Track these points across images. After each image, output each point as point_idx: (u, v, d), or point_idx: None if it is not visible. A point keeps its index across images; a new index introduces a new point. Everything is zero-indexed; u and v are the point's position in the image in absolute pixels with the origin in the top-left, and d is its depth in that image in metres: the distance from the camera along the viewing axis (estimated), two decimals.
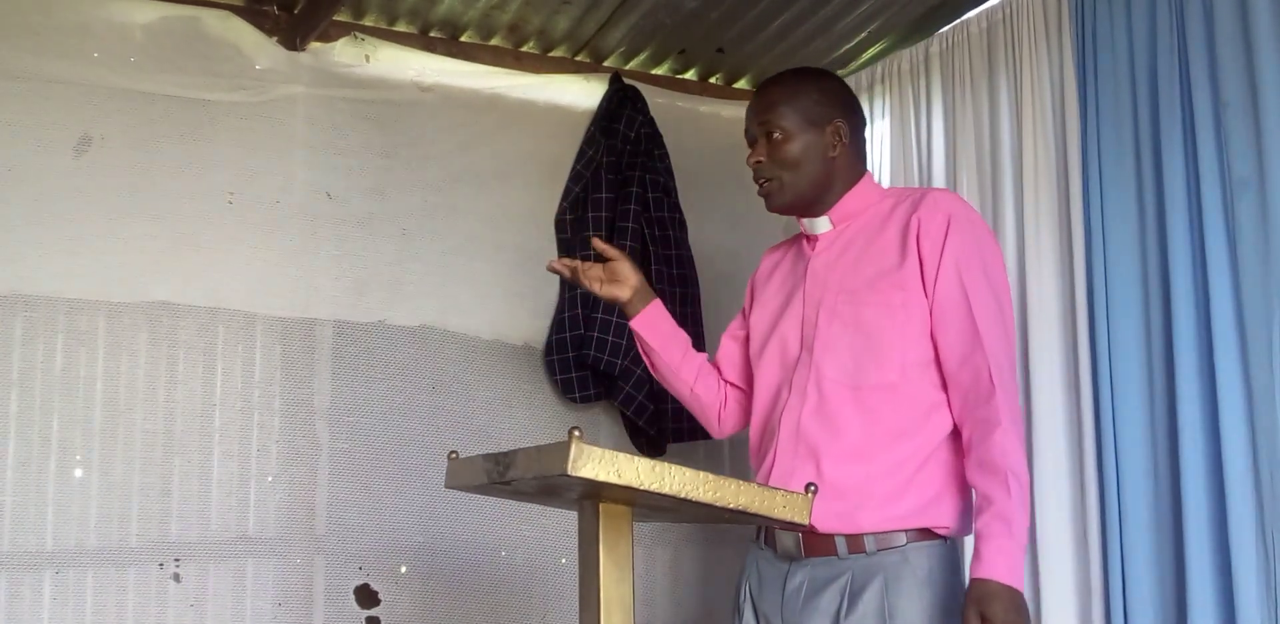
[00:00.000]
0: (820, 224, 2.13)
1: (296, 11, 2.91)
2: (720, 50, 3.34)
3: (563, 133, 3.23)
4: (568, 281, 2.30)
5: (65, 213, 2.64)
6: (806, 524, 1.64)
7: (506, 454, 1.63)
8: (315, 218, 2.91)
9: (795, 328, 2.10)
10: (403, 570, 2.88)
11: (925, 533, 1.94)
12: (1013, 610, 1.80)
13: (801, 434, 2.01)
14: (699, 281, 3.24)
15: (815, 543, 1.97)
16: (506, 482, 1.63)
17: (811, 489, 1.64)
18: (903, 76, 3.10)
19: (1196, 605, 2.19)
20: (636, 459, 1.51)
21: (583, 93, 3.28)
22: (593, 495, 1.65)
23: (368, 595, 2.83)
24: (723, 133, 3.32)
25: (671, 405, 3.04)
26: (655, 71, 3.46)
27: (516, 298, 3.12)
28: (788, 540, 2.01)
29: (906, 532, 1.94)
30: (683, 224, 3.25)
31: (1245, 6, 2.23)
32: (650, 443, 3.13)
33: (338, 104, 2.97)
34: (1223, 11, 2.28)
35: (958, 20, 3.00)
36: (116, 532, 2.61)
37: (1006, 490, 1.84)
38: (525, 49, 3.26)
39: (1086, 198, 2.52)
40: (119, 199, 2.70)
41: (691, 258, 3.25)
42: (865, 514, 1.94)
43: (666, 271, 3.16)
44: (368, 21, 3.06)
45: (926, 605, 1.90)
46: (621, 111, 3.22)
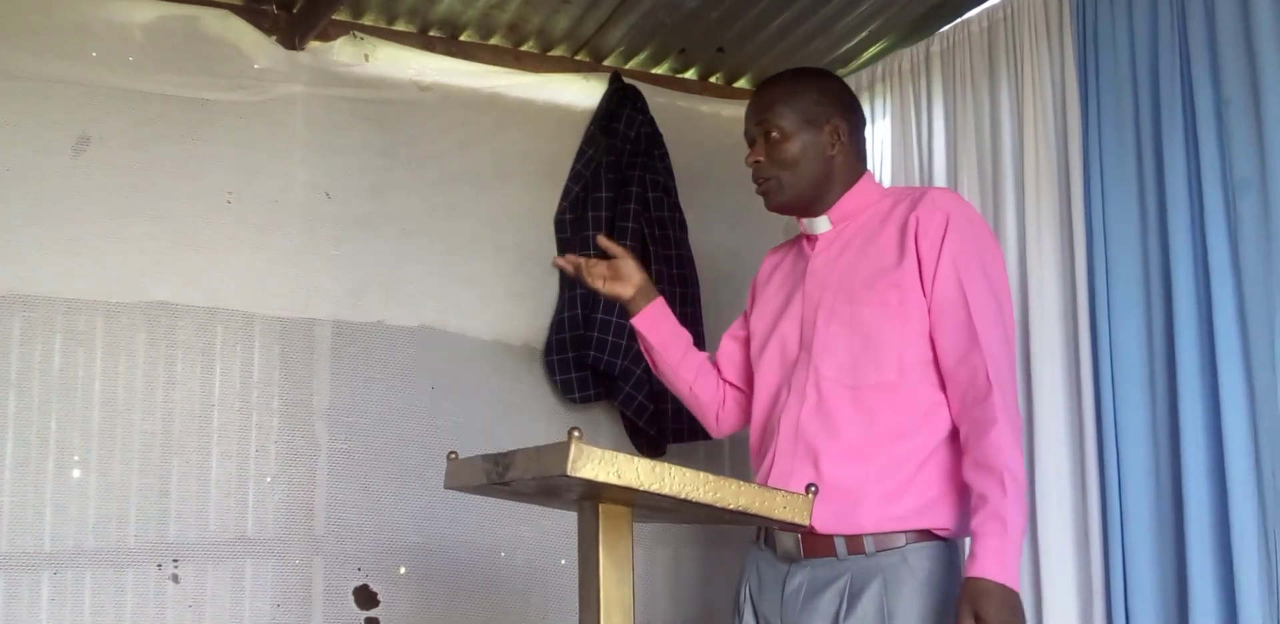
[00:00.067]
0: (820, 224, 2.13)
1: (295, 11, 2.91)
2: (720, 49, 3.34)
3: (562, 132, 3.22)
4: (571, 278, 2.29)
5: (64, 213, 2.64)
6: (807, 525, 1.63)
7: (506, 455, 1.62)
8: (314, 218, 2.90)
9: (794, 328, 2.10)
10: (402, 571, 2.87)
11: (925, 534, 1.94)
12: (1006, 609, 1.79)
13: (800, 434, 2.01)
14: (699, 281, 3.24)
15: (814, 544, 1.96)
16: (506, 482, 1.63)
17: (812, 490, 1.64)
18: (903, 76, 3.09)
19: (1198, 606, 2.18)
20: (636, 460, 1.51)
21: (582, 92, 3.28)
22: (592, 496, 1.64)
23: (367, 596, 2.82)
24: (723, 132, 3.31)
25: (671, 406, 3.04)
26: (655, 71, 3.46)
27: (516, 298, 3.11)
28: (787, 541, 2.00)
29: (906, 533, 1.93)
30: (683, 224, 3.24)
31: (1246, 6, 2.23)
32: (650, 443, 3.13)
33: (337, 103, 2.96)
34: (1224, 10, 2.27)
35: (958, 19, 2.99)
36: (115, 532, 2.60)
37: (1002, 489, 1.83)
38: (525, 48, 3.26)
39: (1088, 197, 2.52)
40: (118, 199, 2.70)
41: (691, 258, 3.24)
42: (864, 514, 1.93)
43: (666, 271, 3.15)
44: (367, 21, 3.06)
45: (926, 607, 1.89)
46: (621, 111, 3.21)
